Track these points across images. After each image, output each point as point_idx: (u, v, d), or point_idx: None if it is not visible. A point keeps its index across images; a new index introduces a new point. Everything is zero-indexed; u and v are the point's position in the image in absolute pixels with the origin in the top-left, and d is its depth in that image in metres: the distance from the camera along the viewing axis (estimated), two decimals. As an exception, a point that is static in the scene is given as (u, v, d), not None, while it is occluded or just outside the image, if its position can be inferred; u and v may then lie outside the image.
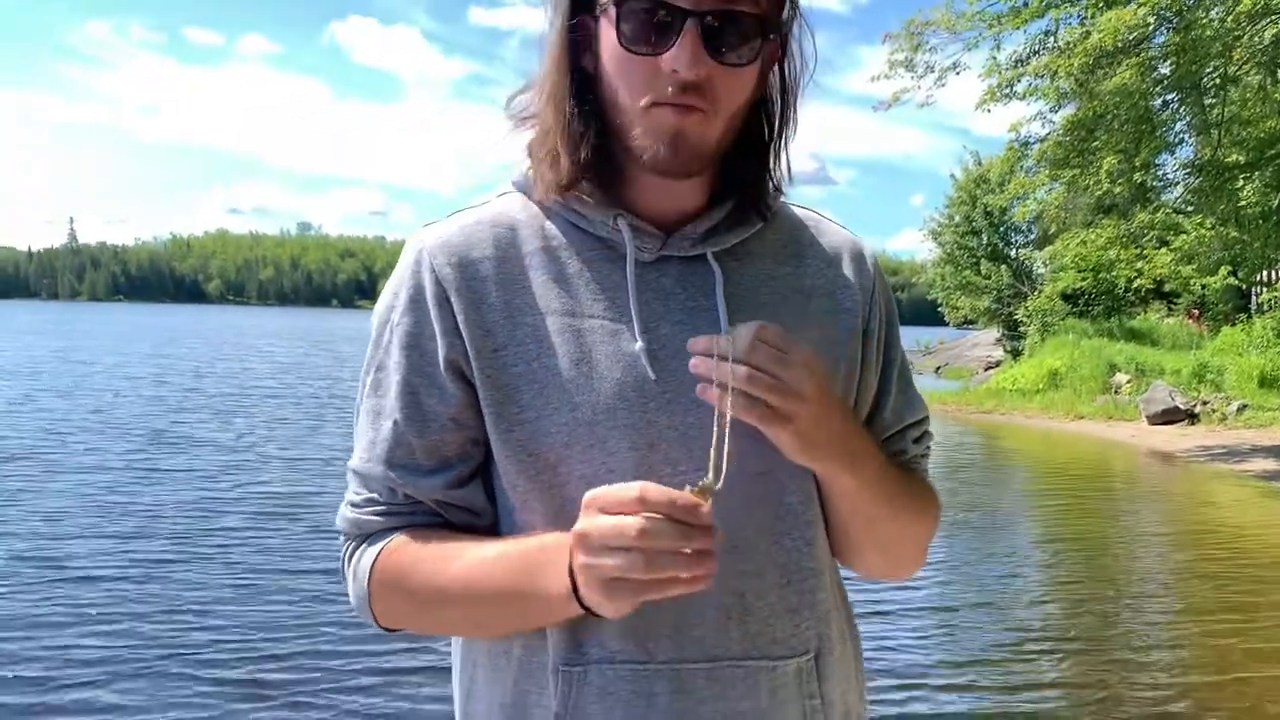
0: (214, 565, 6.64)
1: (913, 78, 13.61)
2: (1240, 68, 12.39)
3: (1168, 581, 7.27)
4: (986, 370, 29.52)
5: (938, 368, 35.30)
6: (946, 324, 36.83)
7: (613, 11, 0.96)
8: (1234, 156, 13.01)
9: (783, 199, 1.12)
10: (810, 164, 1.08)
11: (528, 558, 0.95)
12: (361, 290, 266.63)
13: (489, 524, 1.05)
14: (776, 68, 1.03)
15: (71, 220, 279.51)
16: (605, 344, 1.01)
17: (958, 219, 31.42)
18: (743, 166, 1.06)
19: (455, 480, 1.04)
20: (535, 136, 1.05)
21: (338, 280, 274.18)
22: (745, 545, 1.01)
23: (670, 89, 0.94)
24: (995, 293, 30.12)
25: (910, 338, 46.88)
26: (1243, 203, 12.93)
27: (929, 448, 1.19)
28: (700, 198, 1.06)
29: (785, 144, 1.06)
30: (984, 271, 30.33)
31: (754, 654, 1.01)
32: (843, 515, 1.08)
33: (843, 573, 1.16)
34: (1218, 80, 12.47)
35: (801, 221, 1.15)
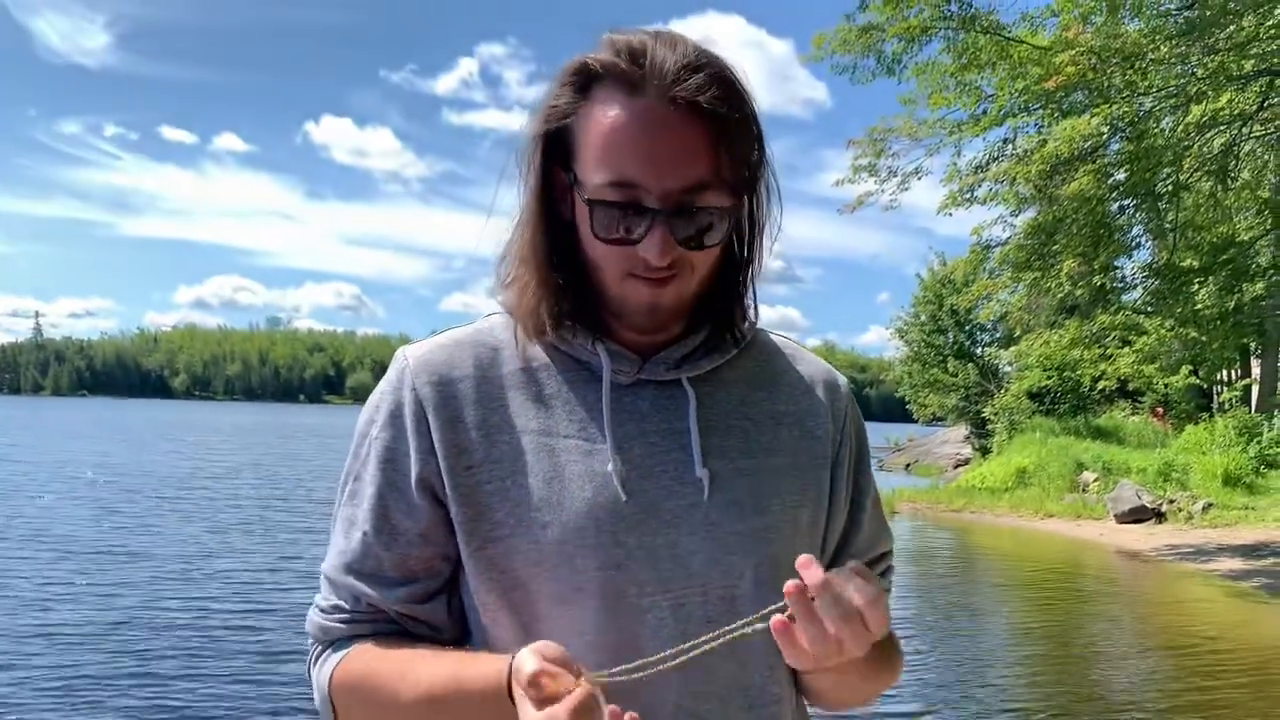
0: (152, 689, 6.29)
1: (876, 182, 13.94)
2: (1191, 175, 12.82)
3: (1146, 687, 7.19)
4: (956, 468, 29.61)
5: (908, 464, 35.35)
6: (915, 421, 37.00)
7: (585, 208, 0.98)
8: (1189, 260, 13.37)
9: (759, 327, 1.15)
10: (776, 263, 1.12)
11: (477, 653, 0.94)
12: (330, 385, 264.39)
13: (451, 640, 1.05)
14: (745, 209, 1.05)
15: (37, 314, 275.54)
16: (578, 463, 1.01)
17: (924, 318, 31.76)
18: (717, 297, 1.08)
19: (420, 595, 1.04)
20: (513, 294, 1.07)
21: (305, 375, 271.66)
22: (707, 667, 0.99)
23: (643, 267, 0.98)
24: (963, 390, 30.33)
25: (879, 434, 46.96)
26: (1199, 305, 13.24)
27: (891, 580, 1.19)
28: (676, 325, 1.08)
29: (753, 277, 1.09)
30: (951, 369, 30.59)
31: None
32: (821, 681, 1.08)
33: None
34: (1171, 187, 12.84)
35: (779, 349, 1.17)
